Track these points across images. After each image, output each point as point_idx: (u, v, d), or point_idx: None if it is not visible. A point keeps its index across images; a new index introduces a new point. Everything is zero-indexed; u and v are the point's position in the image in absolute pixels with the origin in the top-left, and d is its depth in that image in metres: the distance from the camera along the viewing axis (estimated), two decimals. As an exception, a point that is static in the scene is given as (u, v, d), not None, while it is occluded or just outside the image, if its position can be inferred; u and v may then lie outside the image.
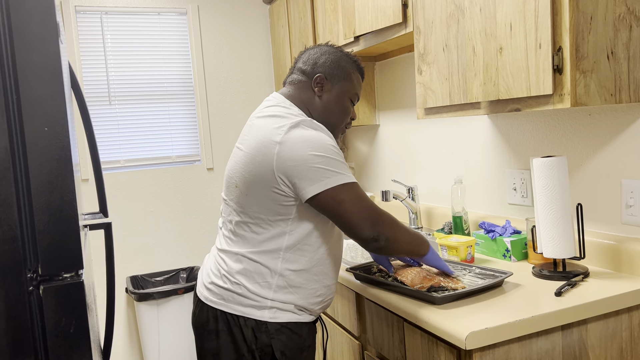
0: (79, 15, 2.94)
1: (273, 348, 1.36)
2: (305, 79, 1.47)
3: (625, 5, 1.31)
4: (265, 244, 1.36)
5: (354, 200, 1.29)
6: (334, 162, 1.30)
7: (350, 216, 1.29)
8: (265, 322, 1.36)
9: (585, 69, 1.27)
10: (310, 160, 1.28)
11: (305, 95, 1.46)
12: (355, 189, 1.30)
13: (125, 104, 3.06)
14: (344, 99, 1.48)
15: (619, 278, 1.47)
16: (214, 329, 1.40)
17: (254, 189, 1.34)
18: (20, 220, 0.97)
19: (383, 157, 2.76)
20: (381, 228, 1.30)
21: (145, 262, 3.14)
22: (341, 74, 1.47)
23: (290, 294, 1.38)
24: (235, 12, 3.27)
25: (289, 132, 1.30)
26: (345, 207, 1.28)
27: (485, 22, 1.47)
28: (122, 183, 3.07)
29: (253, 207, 1.36)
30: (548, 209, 1.48)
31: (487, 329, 1.19)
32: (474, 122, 2.09)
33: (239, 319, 1.37)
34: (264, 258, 1.36)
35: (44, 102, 0.96)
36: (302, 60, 1.50)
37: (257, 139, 1.35)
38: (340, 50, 1.50)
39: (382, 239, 1.31)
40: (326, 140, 1.31)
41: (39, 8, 0.95)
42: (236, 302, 1.37)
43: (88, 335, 1.04)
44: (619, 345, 1.38)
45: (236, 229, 1.41)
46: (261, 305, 1.36)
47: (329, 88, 1.46)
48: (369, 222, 1.29)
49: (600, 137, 1.58)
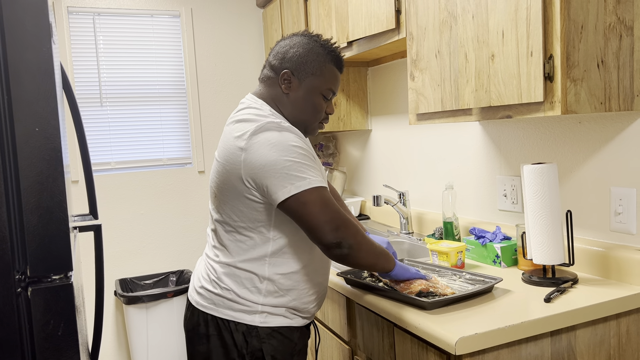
0: (71, 16, 2.93)
1: (264, 352, 1.35)
2: (273, 75, 1.40)
3: (616, 15, 1.33)
4: (250, 252, 1.35)
5: (317, 203, 1.24)
6: (299, 166, 1.26)
7: (312, 219, 1.24)
8: (256, 326, 1.35)
9: (576, 77, 1.28)
10: (274, 165, 1.25)
11: (275, 92, 1.40)
12: (320, 192, 1.26)
13: (117, 106, 3.05)
14: (315, 96, 1.40)
15: (607, 285, 1.48)
16: (204, 333, 1.39)
17: (230, 197, 1.33)
18: (9, 221, 0.96)
19: (375, 162, 2.77)
20: (345, 234, 1.26)
21: (135, 265, 3.12)
22: (310, 68, 1.38)
23: (281, 297, 1.37)
24: (229, 15, 3.27)
25: (252, 138, 1.27)
26: (308, 209, 1.24)
27: (477, 29, 1.48)
28: (113, 185, 3.05)
29: (232, 216, 1.35)
30: (538, 216, 1.49)
31: (476, 335, 1.20)
32: (465, 128, 2.10)
33: (229, 323, 1.36)
34: (250, 266, 1.35)
35: (35, 102, 0.96)
36: (273, 53, 1.41)
37: (225, 147, 1.33)
38: (314, 39, 1.40)
39: (345, 246, 1.26)
40: (291, 142, 1.27)
41: (32, 6, 0.94)
42: (226, 306, 1.36)
43: (76, 338, 1.03)
44: (607, 351, 1.38)
45: (221, 239, 1.39)
46: (252, 310, 1.35)
47: (297, 85, 1.38)
48: (331, 226, 1.25)
49: (590, 144, 1.59)
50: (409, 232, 2.34)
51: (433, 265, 1.70)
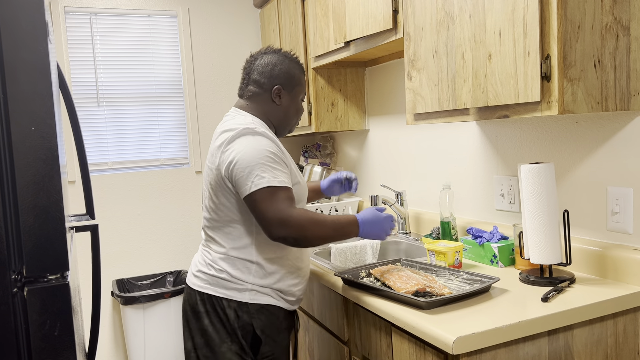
0: (68, 16, 2.92)
1: (254, 326, 1.54)
2: (261, 91, 1.63)
3: (612, 15, 1.33)
4: (238, 241, 1.54)
5: (267, 201, 1.43)
6: (263, 167, 1.45)
7: (262, 216, 1.44)
8: (247, 303, 1.53)
9: (573, 77, 1.29)
10: (242, 165, 1.45)
11: (265, 106, 1.64)
12: (275, 191, 1.44)
13: (114, 106, 3.04)
14: (298, 101, 1.69)
15: (604, 284, 1.48)
16: (201, 310, 1.56)
17: (218, 195, 1.54)
18: (5, 221, 0.96)
19: (372, 162, 2.77)
20: (287, 231, 1.43)
21: (132, 266, 3.11)
22: (294, 80, 1.65)
23: (267, 278, 1.55)
24: (226, 15, 3.27)
25: (231, 143, 1.49)
26: (259, 207, 1.43)
27: (474, 29, 1.48)
28: (110, 185, 3.04)
29: (221, 208, 1.55)
30: (535, 215, 1.49)
31: (474, 334, 1.20)
32: (462, 128, 2.10)
33: (222, 300, 1.54)
34: (240, 253, 1.54)
35: (31, 101, 0.95)
36: (257, 71, 1.63)
37: (211, 153, 1.57)
38: (285, 55, 1.65)
39: (290, 240, 1.44)
40: (263, 147, 1.47)
41: (28, 5, 0.94)
42: (220, 285, 1.54)
43: (73, 338, 1.03)
44: (604, 350, 1.39)
45: (213, 233, 1.59)
46: (242, 288, 1.53)
47: (286, 96, 1.65)
48: (277, 223, 1.42)
49: (587, 144, 1.59)
50: (406, 232, 2.34)
51: (431, 265, 1.70)
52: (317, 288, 1.94)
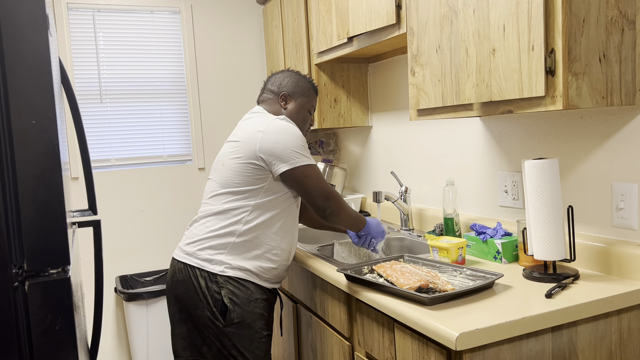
0: (70, 13, 2.92)
1: (222, 295, 1.70)
2: (273, 96, 1.92)
3: (618, 9, 1.31)
4: (232, 212, 1.73)
5: (315, 178, 1.72)
6: (303, 148, 1.73)
7: (311, 189, 1.72)
8: (216, 274, 1.71)
9: (578, 71, 1.27)
10: (285, 144, 1.70)
11: (275, 108, 1.91)
12: (317, 170, 1.74)
13: (117, 103, 3.04)
14: (304, 110, 1.93)
15: (608, 280, 1.47)
16: (179, 279, 1.76)
17: (237, 165, 1.73)
18: (5, 215, 0.96)
19: (375, 158, 2.76)
20: (331, 203, 1.74)
21: (135, 262, 3.12)
22: (300, 91, 1.92)
23: (242, 260, 1.72)
24: (229, 12, 3.26)
25: (270, 124, 1.74)
26: (309, 181, 1.71)
27: (478, 23, 1.47)
28: (113, 182, 3.04)
29: (233, 178, 1.74)
30: (539, 211, 1.48)
31: (477, 330, 1.19)
32: (466, 124, 2.09)
33: (195, 269, 1.73)
34: (228, 223, 1.72)
35: (31, 94, 0.95)
36: (271, 82, 1.94)
37: (245, 130, 1.77)
38: (298, 73, 1.96)
39: (329, 210, 1.74)
40: (298, 132, 1.75)
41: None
42: (196, 256, 1.74)
43: (74, 333, 1.02)
44: (608, 347, 1.38)
45: (213, 201, 1.77)
46: (215, 260, 1.72)
47: (292, 101, 1.91)
48: (323, 196, 1.73)
49: (591, 139, 1.58)
50: (409, 229, 2.33)
51: (434, 262, 1.70)
52: (320, 284, 1.93)
